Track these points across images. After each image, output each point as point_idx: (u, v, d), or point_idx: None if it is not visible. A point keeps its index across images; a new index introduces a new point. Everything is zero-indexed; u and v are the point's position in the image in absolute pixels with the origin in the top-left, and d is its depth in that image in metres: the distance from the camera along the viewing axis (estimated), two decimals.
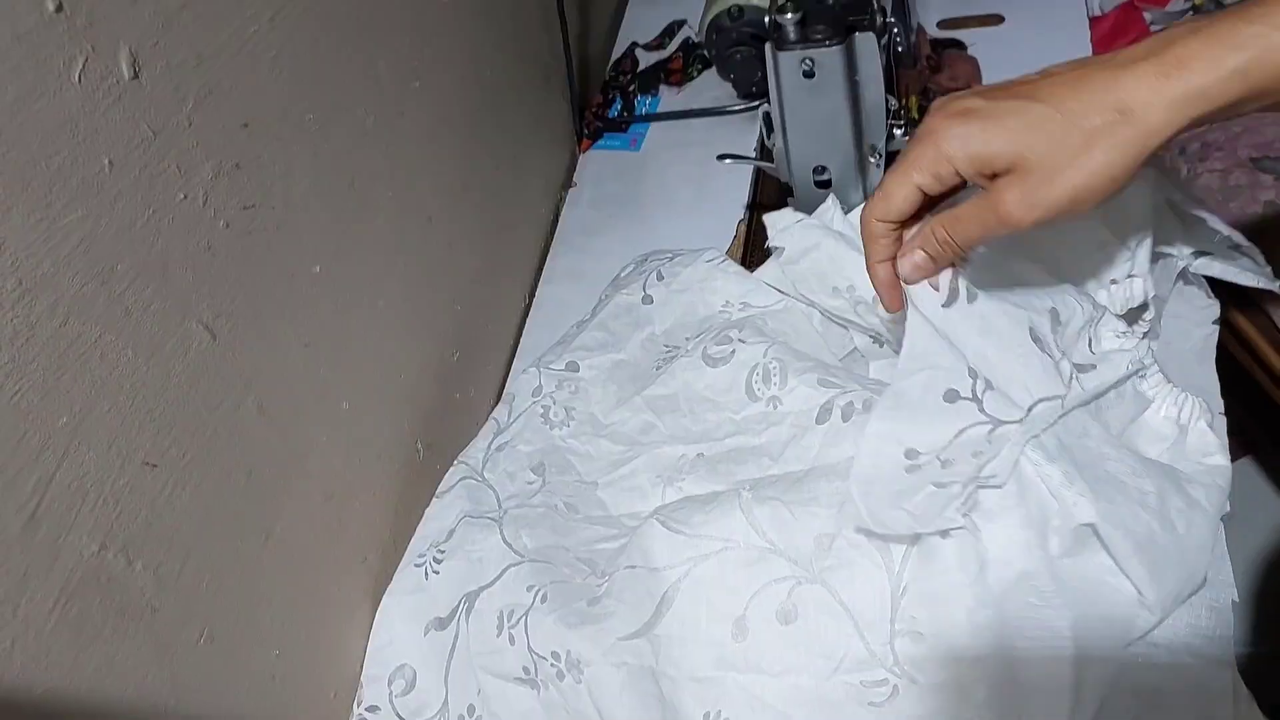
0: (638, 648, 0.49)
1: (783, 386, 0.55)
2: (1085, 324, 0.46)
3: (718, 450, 0.57)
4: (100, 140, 0.39)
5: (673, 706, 0.47)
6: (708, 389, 0.59)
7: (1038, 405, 0.43)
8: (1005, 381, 0.43)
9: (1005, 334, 0.44)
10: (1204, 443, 0.46)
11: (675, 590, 0.48)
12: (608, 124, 0.93)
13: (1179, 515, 0.43)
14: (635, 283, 0.68)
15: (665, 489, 0.57)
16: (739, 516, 0.48)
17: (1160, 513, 0.43)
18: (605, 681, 0.49)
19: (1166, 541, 0.43)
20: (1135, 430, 0.46)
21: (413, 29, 0.65)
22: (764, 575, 0.47)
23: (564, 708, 0.51)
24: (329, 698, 0.56)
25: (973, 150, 0.39)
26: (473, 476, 0.63)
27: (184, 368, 0.44)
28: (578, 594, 0.53)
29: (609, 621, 0.50)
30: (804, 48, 0.62)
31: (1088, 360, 0.45)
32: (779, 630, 0.46)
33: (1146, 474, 0.44)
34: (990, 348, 0.44)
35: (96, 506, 0.40)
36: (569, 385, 0.65)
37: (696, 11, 0.87)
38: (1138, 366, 0.45)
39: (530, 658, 0.52)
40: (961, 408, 0.43)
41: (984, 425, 0.42)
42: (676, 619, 0.48)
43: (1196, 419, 0.46)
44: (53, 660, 0.38)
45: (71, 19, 0.38)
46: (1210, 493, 0.44)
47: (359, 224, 0.59)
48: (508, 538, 0.57)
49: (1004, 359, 0.44)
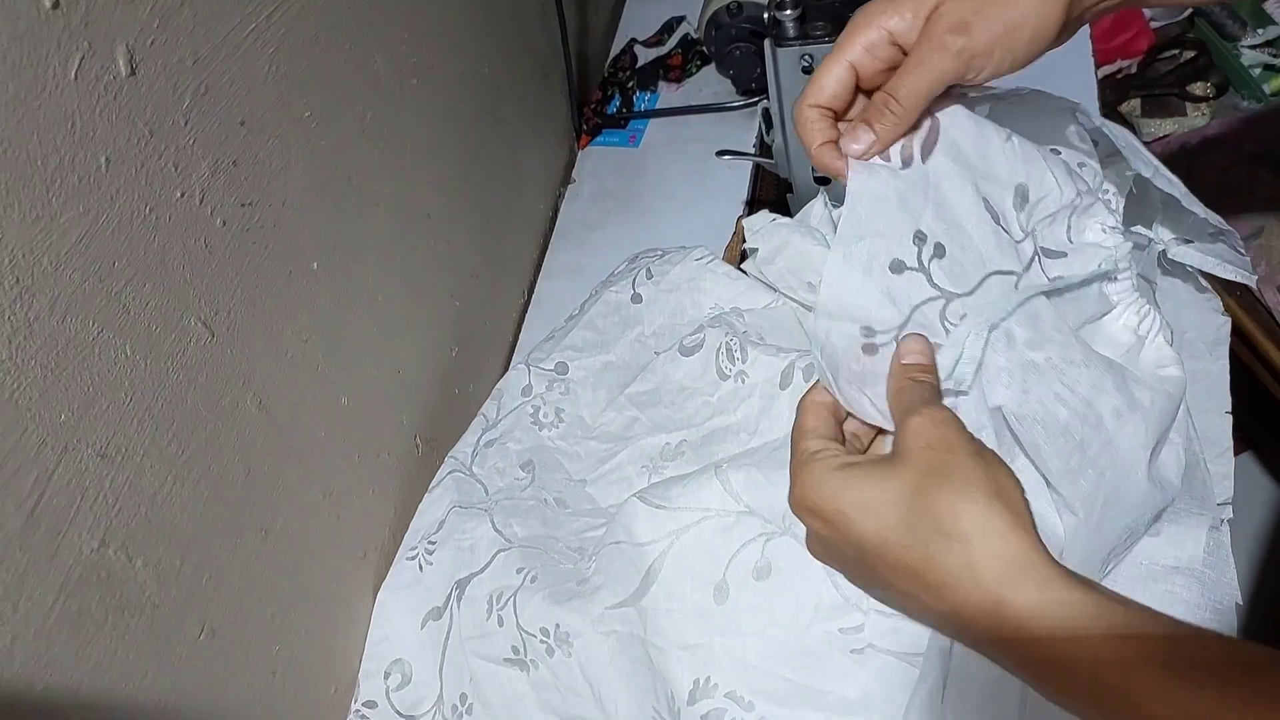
0: (626, 615, 0.50)
1: (746, 360, 0.57)
2: (1066, 208, 0.43)
3: (699, 434, 0.58)
4: (97, 138, 0.39)
5: (662, 675, 0.48)
6: (685, 377, 0.60)
7: (990, 277, 0.41)
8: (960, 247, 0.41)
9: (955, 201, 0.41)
10: (1160, 355, 0.44)
11: (660, 564, 0.49)
12: (606, 120, 0.93)
13: (1112, 413, 0.41)
14: (625, 280, 0.68)
15: (650, 476, 0.58)
16: (715, 486, 0.49)
17: (1085, 405, 0.41)
18: (594, 651, 0.50)
19: (1087, 435, 0.41)
20: (1091, 331, 0.44)
21: (411, 26, 0.65)
22: (740, 537, 0.48)
23: (554, 686, 0.52)
24: (329, 692, 0.56)
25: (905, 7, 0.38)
26: (461, 470, 0.64)
27: (182, 364, 0.45)
28: (567, 575, 0.54)
29: (596, 594, 0.51)
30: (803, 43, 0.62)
31: (1060, 247, 0.43)
32: (755, 587, 0.47)
33: (1088, 364, 0.42)
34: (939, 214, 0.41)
35: (96, 503, 0.40)
36: (559, 386, 0.66)
37: (695, 8, 0.87)
38: (1110, 267, 0.43)
39: (519, 636, 0.52)
40: (910, 279, 0.40)
41: (936, 301, 0.40)
42: (662, 591, 0.49)
43: (1155, 333, 0.44)
44: (53, 657, 0.38)
45: (68, 17, 0.38)
46: (1158, 397, 0.42)
47: (357, 221, 0.59)
48: (498, 525, 0.58)
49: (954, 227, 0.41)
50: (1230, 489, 0.51)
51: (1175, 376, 0.44)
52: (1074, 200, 0.42)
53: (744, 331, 0.59)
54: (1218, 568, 0.47)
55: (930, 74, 0.38)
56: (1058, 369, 0.41)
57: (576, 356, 0.66)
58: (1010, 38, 0.38)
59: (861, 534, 0.33)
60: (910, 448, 0.34)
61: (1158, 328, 0.44)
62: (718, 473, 0.49)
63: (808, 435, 0.38)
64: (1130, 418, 0.41)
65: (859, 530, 0.33)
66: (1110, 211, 0.43)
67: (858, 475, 0.34)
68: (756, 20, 0.80)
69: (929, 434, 0.34)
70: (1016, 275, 0.41)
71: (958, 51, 0.37)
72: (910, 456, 0.34)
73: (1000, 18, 0.37)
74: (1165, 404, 0.43)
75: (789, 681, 0.45)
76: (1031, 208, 0.42)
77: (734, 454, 0.55)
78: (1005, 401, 0.40)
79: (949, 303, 0.40)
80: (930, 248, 0.40)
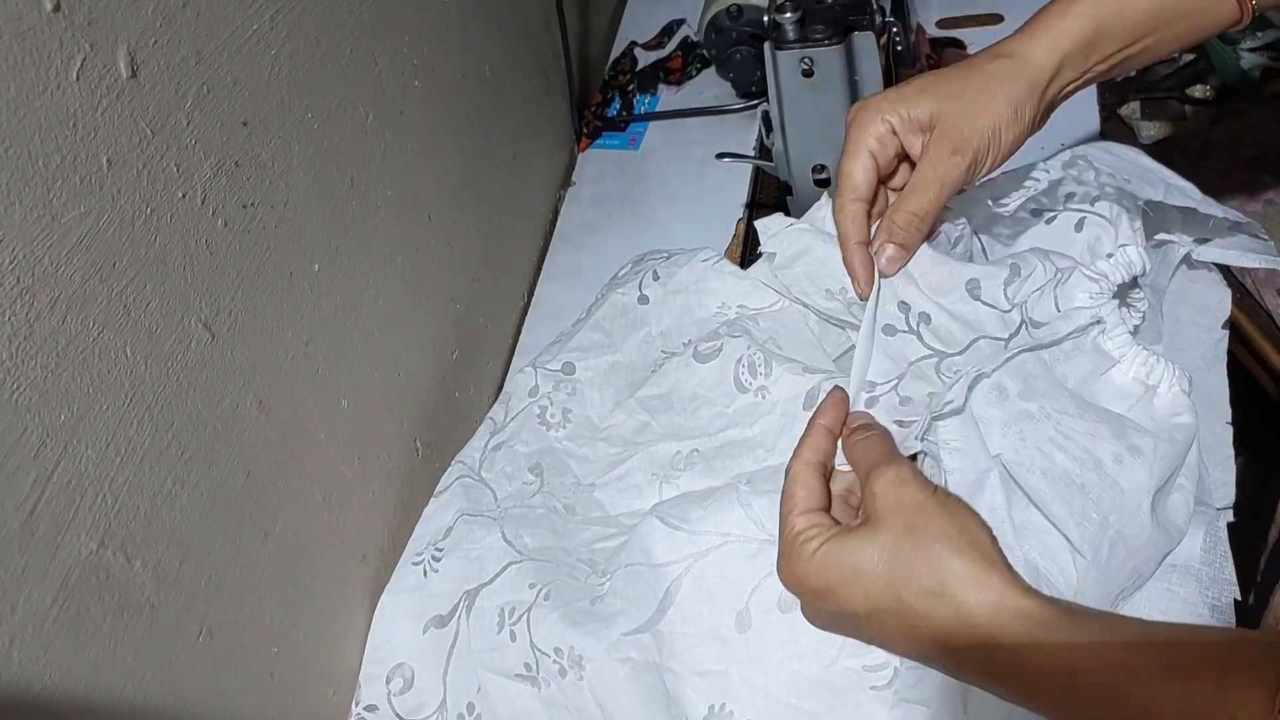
0: (642, 643, 0.49)
1: (769, 376, 0.56)
2: (1051, 281, 0.46)
3: (712, 445, 0.57)
4: (99, 138, 0.39)
5: (677, 701, 0.47)
6: (699, 385, 0.60)
7: (980, 340, 0.45)
8: (947, 319, 0.45)
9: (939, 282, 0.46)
10: (1175, 404, 0.46)
11: (677, 586, 0.48)
12: (607, 123, 0.93)
13: (1112, 458, 0.43)
14: (631, 282, 0.68)
15: (662, 485, 0.57)
16: (738, 510, 0.49)
17: (1083, 450, 0.43)
18: (608, 677, 0.50)
19: (1088, 479, 0.43)
20: (1100, 386, 0.46)
21: (413, 28, 0.65)
22: (764, 567, 0.47)
23: (565, 705, 0.51)
24: (328, 695, 0.56)
25: (902, 110, 0.46)
26: (470, 475, 0.63)
27: (183, 365, 0.44)
28: (580, 592, 0.53)
29: (612, 618, 0.50)
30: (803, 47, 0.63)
31: (1047, 318, 0.46)
32: (780, 619, 0.46)
33: (1082, 415, 0.44)
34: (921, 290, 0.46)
35: (95, 504, 0.40)
36: (566, 387, 0.65)
37: (695, 11, 0.87)
38: (1093, 320, 0.45)
39: (532, 654, 0.52)
40: (903, 340, 0.44)
41: (931, 358, 0.44)
42: (679, 615, 0.48)
43: (1171, 382, 0.46)
44: (51, 657, 0.38)
45: (70, 17, 0.38)
46: (1161, 444, 0.44)
47: (358, 222, 0.59)
48: (508, 536, 0.57)
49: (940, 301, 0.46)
50: (1232, 494, 0.51)
51: (1187, 424, 0.45)
52: (1056, 275, 0.46)
53: (764, 341, 0.58)
54: (1215, 565, 0.47)
55: (943, 190, 0.45)
56: (1052, 418, 0.44)
57: (583, 357, 0.66)
58: (996, 138, 0.45)
59: (853, 605, 0.36)
60: (881, 513, 0.37)
61: (1170, 376, 0.46)
62: (739, 496, 0.49)
63: (795, 511, 0.40)
64: (1131, 463, 0.43)
65: (850, 602, 0.36)
66: (1091, 279, 0.45)
67: (841, 549, 0.37)
68: (756, 23, 0.80)
69: (895, 497, 0.37)
70: (1004, 340, 0.45)
71: (965, 168, 0.45)
72: (883, 522, 0.36)
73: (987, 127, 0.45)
74: (1170, 450, 0.44)
75: (808, 714, 0.45)
76: (1021, 283, 0.46)
77: (750, 470, 0.54)
78: (1003, 450, 0.43)
79: (942, 360, 0.44)
80: (916, 316, 0.45)
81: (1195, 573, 0.47)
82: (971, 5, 0.90)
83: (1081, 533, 0.42)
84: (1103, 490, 0.43)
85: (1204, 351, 0.56)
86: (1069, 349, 0.46)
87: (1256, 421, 1.00)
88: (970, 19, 0.89)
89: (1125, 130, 1.15)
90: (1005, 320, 0.46)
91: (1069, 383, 0.46)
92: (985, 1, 0.90)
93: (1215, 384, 0.55)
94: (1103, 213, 0.49)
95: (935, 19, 0.90)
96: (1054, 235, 0.51)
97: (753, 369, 0.57)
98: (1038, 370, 0.45)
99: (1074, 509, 0.42)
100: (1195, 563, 0.47)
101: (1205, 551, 0.47)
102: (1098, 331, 0.45)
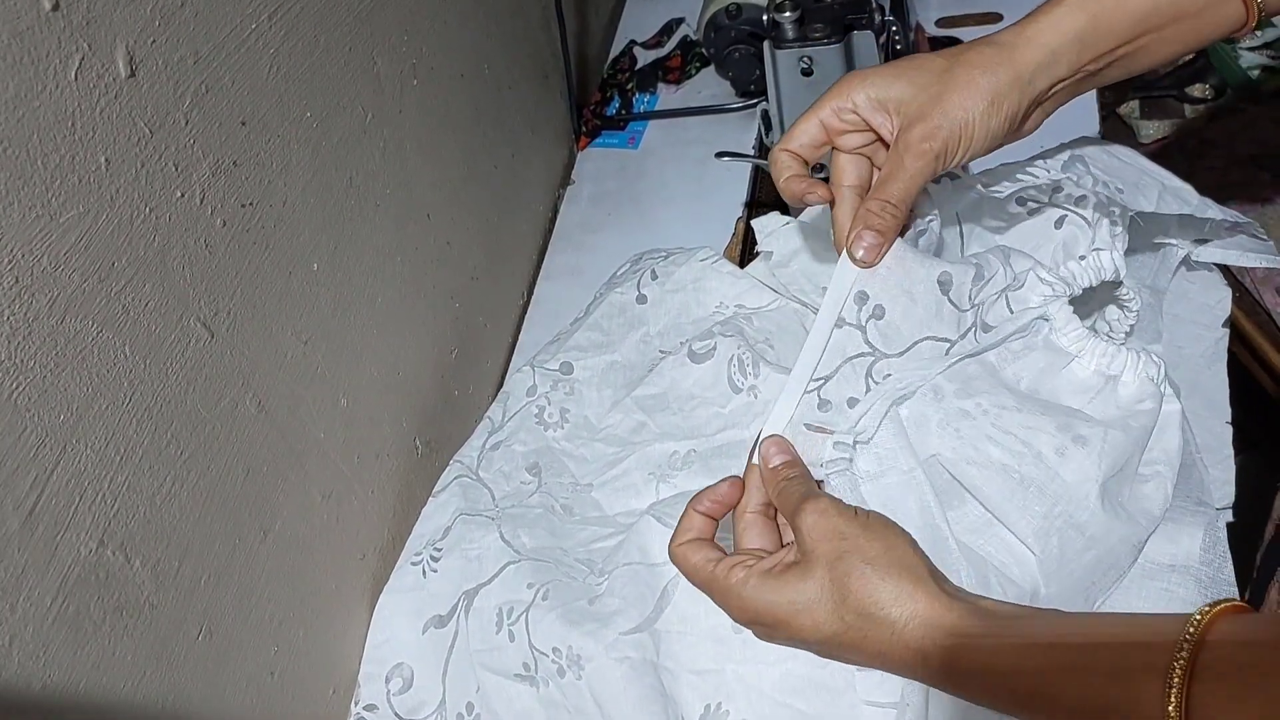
0: (640, 641, 0.49)
1: (758, 376, 0.56)
2: (1009, 285, 0.46)
3: (709, 446, 0.57)
4: (97, 138, 0.39)
5: (673, 699, 0.47)
6: (695, 385, 0.60)
7: (923, 342, 0.45)
8: (901, 313, 0.45)
9: (912, 269, 0.45)
10: (1139, 391, 0.46)
11: (674, 585, 0.48)
12: (606, 122, 0.93)
13: (1053, 449, 0.43)
14: (629, 281, 0.68)
15: (658, 485, 0.57)
16: None
17: (1021, 444, 0.43)
18: (607, 677, 0.50)
19: (1027, 471, 0.43)
20: (1060, 382, 0.46)
21: (412, 27, 0.65)
22: None
23: (563, 705, 0.51)
24: (327, 694, 0.56)
25: (870, 89, 0.45)
26: (468, 475, 0.63)
27: (182, 365, 0.44)
28: (578, 592, 0.53)
29: (610, 618, 0.50)
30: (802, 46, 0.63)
31: (999, 321, 0.46)
32: None
33: (1021, 409, 0.44)
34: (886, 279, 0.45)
35: (95, 504, 0.40)
36: (563, 386, 0.65)
37: (695, 9, 0.87)
38: (1034, 317, 0.46)
39: (531, 654, 0.52)
40: (847, 334, 0.44)
41: (865, 357, 0.44)
42: (676, 614, 0.48)
43: (1136, 370, 0.45)
44: (51, 657, 0.38)
45: (68, 17, 0.38)
46: (1112, 431, 0.44)
47: (357, 221, 0.59)
48: (506, 536, 0.58)
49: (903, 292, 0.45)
50: (1231, 494, 0.52)
51: (1147, 409, 0.45)
52: (1012, 280, 0.46)
53: (756, 341, 0.58)
54: (1214, 565, 0.47)
55: (915, 178, 0.44)
56: (989, 414, 0.44)
57: (581, 356, 0.66)
58: (969, 129, 0.44)
59: (803, 633, 0.39)
60: (811, 547, 0.39)
61: (1134, 364, 0.45)
62: None
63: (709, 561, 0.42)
64: (1076, 453, 0.43)
65: (800, 630, 0.39)
66: (1044, 282, 0.46)
67: (780, 584, 0.39)
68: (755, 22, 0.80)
69: (821, 528, 0.39)
70: (950, 343, 0.45)
71: (935, 155, 0.43)
72: (814, 554, 0.39)
73: (959, 117, 0.43)
74: (1122, 437, 0.44)
75: (803, 714, 0.45)
76: (983, 285, 0.46)
77: None
78: (940, 449, 0.44)
79: (877, 360, 0.44)
80: (870, 308, 0.44)
81: (1194, 573, 0.47)
82: (971, 4, 0.90)
83: (1027, 525, 0.43)
84: (1045, 482, 0.43)
85: (1204, 350, 0.56)
86: (1018, 349, 0.46)
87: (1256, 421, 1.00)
88: (969, 18, 0.89)
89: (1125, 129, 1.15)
90: (960, 320, 0.46)
91: (1022, 383, 0.46)
92: (984, 0, 0.90)
93: (1215, 383, 0.55)
94: (1084, 214, 0.49)
95: (934, 18, 0.90)
96: (1035, 228, 0.51)
97: (743, 368, 0.57)
98: (979, 372, 0.45)
99: (1015, 502, 0.43)
100: (1194, 563, 0.47)
101: (1205, 551, 0.47)
102: (1047, 329, 0.45)
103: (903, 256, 0.45)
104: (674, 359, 0.61)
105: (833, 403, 0.44)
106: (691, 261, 0.66)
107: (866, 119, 0.46)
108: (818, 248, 0.57)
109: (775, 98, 0.66)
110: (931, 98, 0.44)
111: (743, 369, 0.57)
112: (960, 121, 0.43)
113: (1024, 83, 0.44)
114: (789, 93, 0.65)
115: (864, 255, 0.45)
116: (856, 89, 0.45)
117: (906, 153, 0.44)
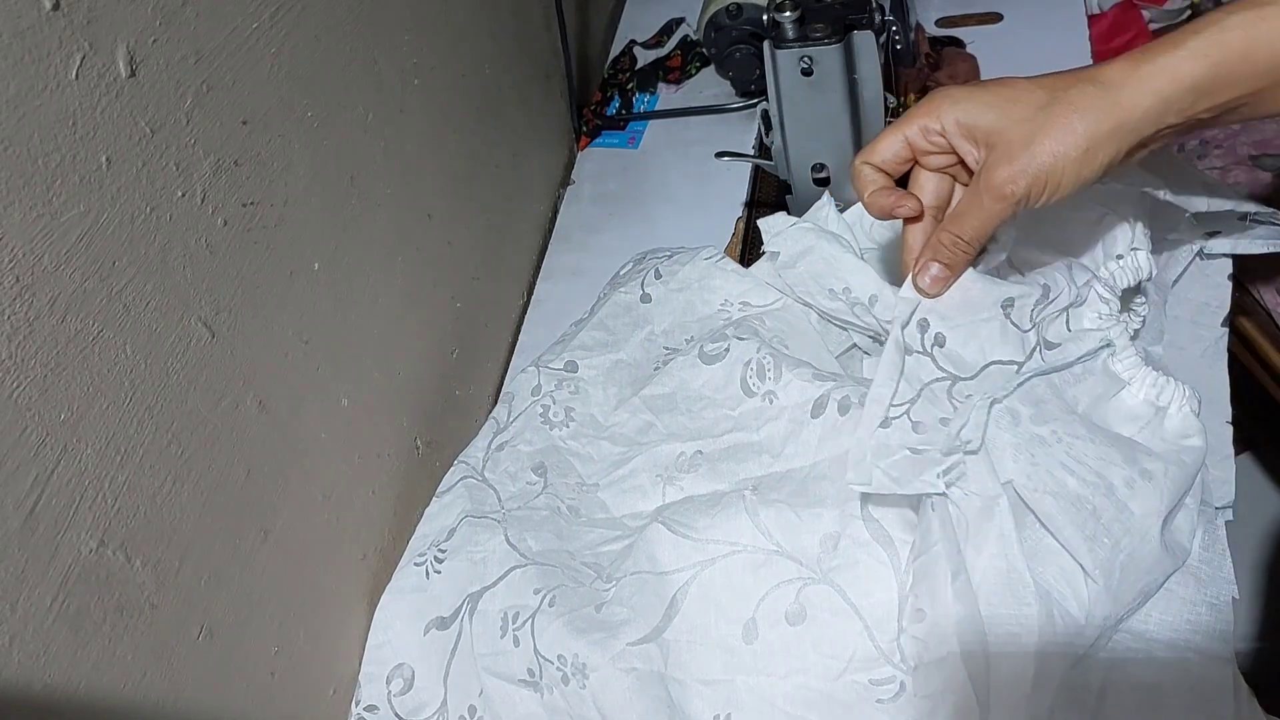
0: (647, 652, 0.49)
1: (778, 381, 0.55)
2: (1070, 304, 0.46)
3: (716, 447, 0.57)
4: (98, 137, 0.39)
5: (681, 710, 0.47)
6: (705, 386, 0.59)
7: (991, 365, 0.45)
8: (961, 341, 0.45)
9: (974, 298, 0.45)
10: (1185, 426, 0.46)
11: (683, 594, 0.48)
12: (606, 121, 0.93)
13: (1123, 482, 0.43)
14: (633, 281, 0.68)
15: (665, 487, 0.57)
16: (745, 519, 0.48)
17: (1094, 474, 0.43)
18: (612, 687, 0.49)
19: (1099, 503, 0.43)
20: (1110, 409, 0.47)
21: (413, 26, 0.65)
22: (772, 578, 0.47)
23: (567, 712, 0.51)
24: (328, 695, 0.56)
25: (960, 113, 0.43)
26: (473, 476, 0.63)
27: (183, 364, 0.44)
28: (585, 599, 0.53)
29: (617, 627, 0.50)
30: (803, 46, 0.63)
31: (1059, 339, 0.46)
32: (787, 632, 0.46)
33: (1093, 439, 0.44)
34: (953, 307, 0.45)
35: (95, 503, 0.40)
36: (569, 385, 0.65)
37: (695, 9, 0.87)
38: (1103, 344, 0.45)
39: (535, 660, 0.52)
40: (918, 361, 0.44)
41: (943, 381, 0.44)
42: (685, 623, 0.48)
43: (1181, 403, 0.46)
44: (51, 657, 0.38)
45: (69, 16, 0.38)
46: (1171, 467, 0.44)
47: (358, 221, 0.59)
48: (511, 539, 0.57)
49: (965, 320, 0.45)
50: (1231, 493, 0.52)
51: (1196, 447, 0.45)
52: (1076, 295, 0.46)
53: (771, 340, 0.58)
54: (1213, 563, 0.47)
55: (992, 220, 0.43)
56: (1064, 441, 0.44)
57: (586, 355, 0.66)
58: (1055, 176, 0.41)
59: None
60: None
61: (1180, 398, 0.46)
62: (746, 505, 0.49)
63: None
64: (1143, 487, 0.43)
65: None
66: (1103, 300, 0.46)
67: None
68: (756, 22, 0.80)
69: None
70: (1017, 365, 0.45)
71: (1016, 201, 0.42)
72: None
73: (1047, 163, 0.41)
74: (1179, 473, 0.44)
75: None
76: (1050, 305, 0.46)
77: (756, 476, 0.53)
78: (1014, 475, 0.43)
79: (954, 383, 0.44)
80: (932, 336, 0.45)
81: (1194, 571, 0.47)
82: (971, 4, 0.90)
83: (1094, 557, 0.42)
84: (1115, 514, 0.43)
85: (1204, 349, 0.56)
86: (1079, 372, 0.46)
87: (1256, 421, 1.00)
88: (970, 18, 0.89)
89: None
90: (1024, 340, 0.45)
91: (1079, 406, 0.46)
92: (985, 0, 0.90)
93: (1215, 382, 0.55)
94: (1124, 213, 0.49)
95: (935, 18, 0.90)
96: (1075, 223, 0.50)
97: (761, 373, 0.56)
98: (1048, 395, 0.45)
99: (1086, 533, 0.42)
100: (1194, 561, 0.47)
101: (1204, 550, 0.47)
102: (1107, 354, 0.46)
103: (967, 288, 0.45)
104: (684, 359, 0.61)
105: (924, 423, 0.44)
106: (696, 260, 0.66)
107: (954, 144, 0.44)
108: (825, 250, 0.57)
109: (775, 98, 0.66)
110: (1023, 138, 0.41)
111: (761, 373, 0.56)
112: (1049, 169, 0.41)
113: (1126, 130, 0.40)
114: (789, 93, 0.65)
115: (928, 287, 0.45)
116: (947, 111, 0.43)
117: (987, 193, 0.42)
